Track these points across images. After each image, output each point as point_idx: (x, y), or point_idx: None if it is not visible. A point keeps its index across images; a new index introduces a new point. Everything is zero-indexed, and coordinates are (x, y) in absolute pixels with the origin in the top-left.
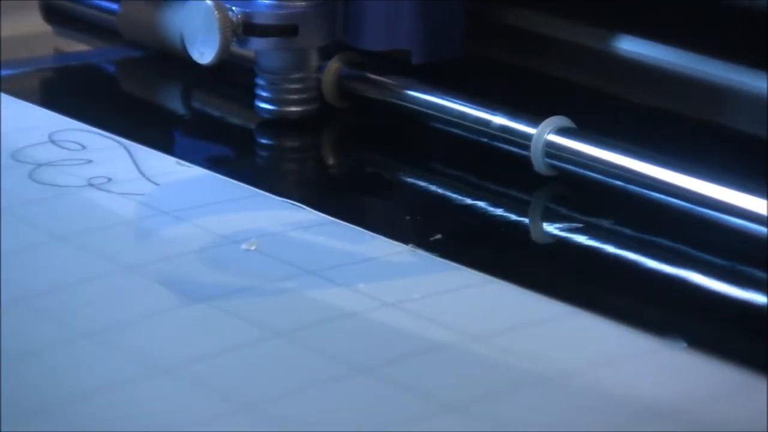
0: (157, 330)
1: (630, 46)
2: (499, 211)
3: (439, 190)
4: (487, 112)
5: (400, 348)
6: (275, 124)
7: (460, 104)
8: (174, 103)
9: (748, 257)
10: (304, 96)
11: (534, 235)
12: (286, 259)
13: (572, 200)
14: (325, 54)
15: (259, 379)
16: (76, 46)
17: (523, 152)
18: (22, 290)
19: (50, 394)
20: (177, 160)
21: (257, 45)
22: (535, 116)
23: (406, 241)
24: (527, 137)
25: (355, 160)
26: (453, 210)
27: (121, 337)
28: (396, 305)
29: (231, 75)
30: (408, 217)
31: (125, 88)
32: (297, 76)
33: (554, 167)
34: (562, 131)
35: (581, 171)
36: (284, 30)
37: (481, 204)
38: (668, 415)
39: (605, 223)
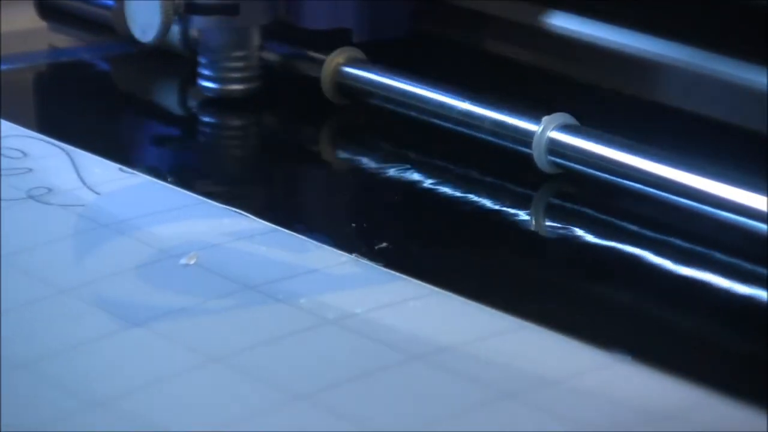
0: (93, 358)
1: (565, 23)
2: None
3: (386, 174)
4: (483, 108)
5: (340, 371)
6: (215, 102)
7: (460, 101)
8: (167, 98)
9: (751, 255)
10: (246, 74)
11: (541, 230)
12: (227, 274)
13: (577, 197)
14: (268, 33)
15: (196, 409)
16: (71, 42)
17: (525, 149)
18: None
19: None
20: (120, 166)
21: (199, 24)
22: (536, 113)
23: (351, 249)
24: (529, 134)
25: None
26: (407, 207)
27: (54, 367)
28: (337, 322)
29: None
30: (353, 224)
31: (118, 84)
32: (239, 54)
33: (557, 165)
34: (565, 128)
35: (584, 169)
36: (225, 9)
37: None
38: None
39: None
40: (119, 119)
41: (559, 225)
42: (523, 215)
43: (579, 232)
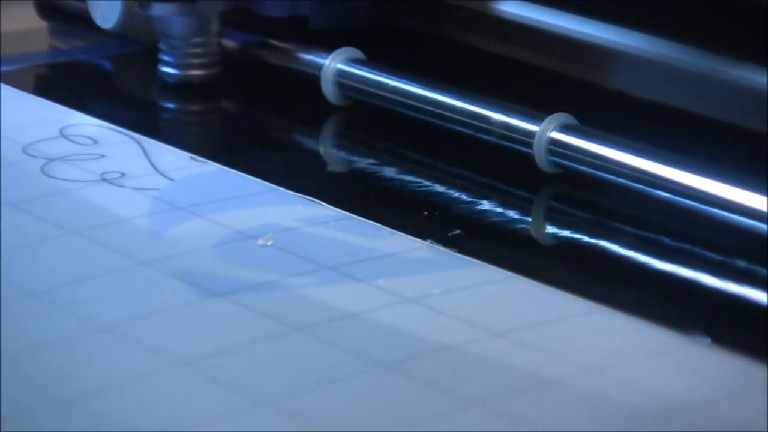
0: (174, 325)
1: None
2: (489, 206)
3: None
4: (486, 109)
5: (420, 344)
6: (175, 87)
7: (464, 102)
8: (169, 97)
9: (751, 254)
10: (206, 60)
11: (543, 232)
12: (304, 255)
13: (579, 197)
14: (227, 20)
15: (277, 374)
16: (72, 42)
17: (526, 150)
18: (35, 284)
19: (63, 388)
20: (191, 155)
21: (159, 10)
22: (537, 113)
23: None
24: (530, 135)
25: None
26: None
27: (136, 331)
28: (416, 301)
29: None
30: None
31: (120, 84)
32: (199, 40)
33: (558, 165)
34: (566, 128)
35: (585, 169)
36: None
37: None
38: (691, 412)
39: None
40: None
41: (564, 224)
42: (524, 215)
43: (585, 231)
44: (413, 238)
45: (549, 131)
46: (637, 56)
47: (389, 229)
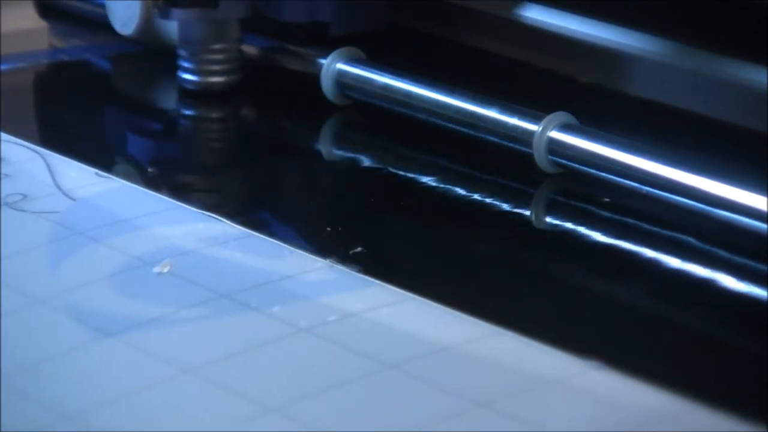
0: (67, 370)
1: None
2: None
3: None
4: (483, 107)
5: (311, 382)
6: (194, 94)
7: (464, 102)
8: (163, 99)
9: (749, 252)
10: (226, 67)
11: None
12: (201, 281)
13: (572, 192)
14: (247, 26)
15: (169, 420)
16: (71, 42)
17: (526, 149)
18: None
19: None
20: (96, 171)
21: (178, 16)
22: (536, 112)
23: (327, 253)
24: (530, 134)
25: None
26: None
27: (27, 380)
28: (310, 330)
29: None
30: (328, 229)
31: (117, 84)
32: (219, 47)
33: (558, 164)
34: (566, 128)
35: (584, 168)
36: (205, 1)
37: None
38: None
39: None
40: (108, 117)
41: (553, 224)
42: (514, 214)
43: (571, 232)
44: (314, 257)
45: (549, 131)
46: (639, 57)
47: (289, 247)
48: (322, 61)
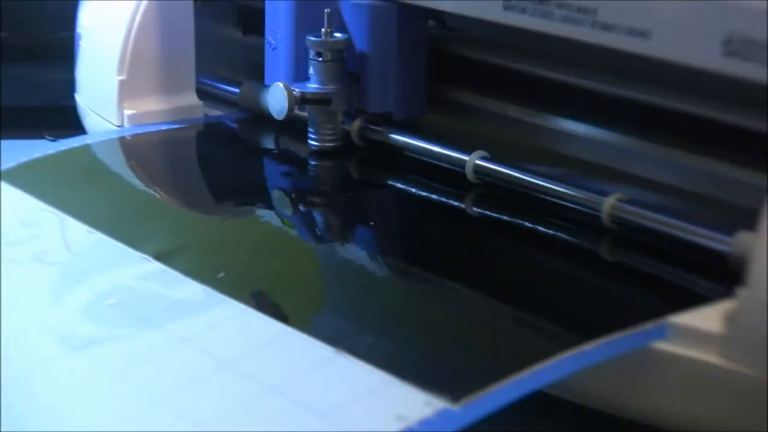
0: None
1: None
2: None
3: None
4: (447, 150)
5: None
6: (318, 153)
7: (426, 144)
8: (299, 152)
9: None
10: (333, 137)
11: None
12: (143, 314)
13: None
14: (348, 115)
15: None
16: (213, 112)
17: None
18: None
19: None
20: (87, 228)
21: (308, 109)
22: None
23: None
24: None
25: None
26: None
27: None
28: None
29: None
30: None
31: (246, 140)
32: (330, 127)
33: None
34: (484, 158)
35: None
36: (323, 101)
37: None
38: None
39: None
40: (250, 165)
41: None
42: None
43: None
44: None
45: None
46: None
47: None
48: (391, 135)
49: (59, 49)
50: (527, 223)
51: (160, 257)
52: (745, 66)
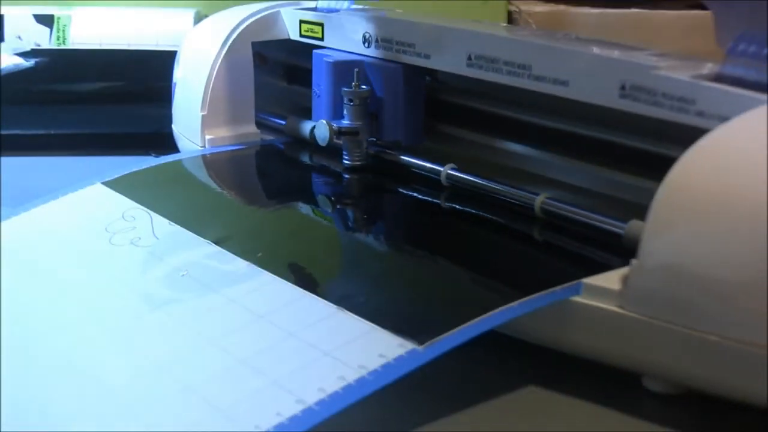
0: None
1: None
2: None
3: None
4: (425, 162)
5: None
6: (350, 168)
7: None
8: (335, 167)
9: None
10: (360, 158)
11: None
12: (204, 282)
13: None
14: (370, 142)
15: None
16: (266, 137)
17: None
18: None
19: None
20: (168, 221)
21: (342, 139)
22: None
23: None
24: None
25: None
26: None
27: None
28: (236, 301)
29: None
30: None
31: (293, 157)
32: (357, 151)
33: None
34: (453, 169)
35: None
36: (353, 133)
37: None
38: None
39: None
40: (292, 175)
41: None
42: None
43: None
44: (240, 258)
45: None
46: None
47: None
48: (399, 156)
49: (161, 94)
50: (482, 213)
51: (217, 242)
52: (635, 105)
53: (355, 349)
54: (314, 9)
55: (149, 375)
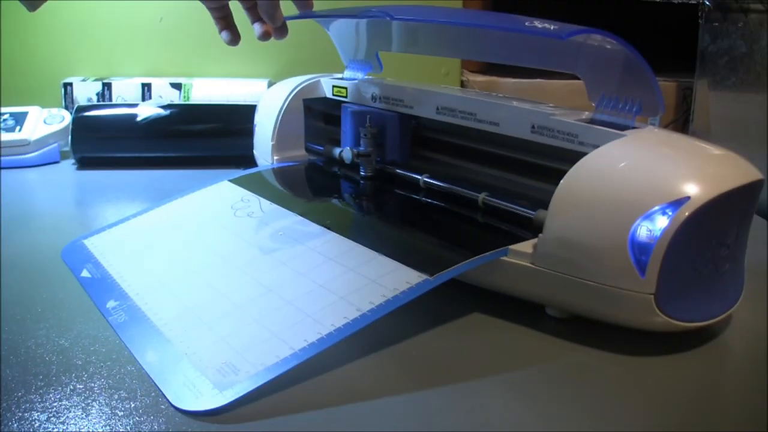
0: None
1: None
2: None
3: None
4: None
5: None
6: (365, 177)
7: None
8: (355, 177)
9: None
10: (371, 171)
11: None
12: (294, 238)
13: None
14: (377, 161)
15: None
16: (311, 158)
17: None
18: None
19: None
20: (270, 202)
21: (360, 159)
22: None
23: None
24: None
25: (378, 186)
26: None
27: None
28: (314, 249)
29: (356, 168)
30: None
31: (326, 170)
32: (369, 167)
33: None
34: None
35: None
36: (367, 155)
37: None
38: None
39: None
40: (328, 181)
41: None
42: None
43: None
44: (318, 225)
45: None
46: None
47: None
48: (396, 170)
49: (246, 131)
50: (446, 205)
51: (302, 215)
52: (541, 138)
53: (390, 278)
54: (341, 78)
55: (263, 294)
